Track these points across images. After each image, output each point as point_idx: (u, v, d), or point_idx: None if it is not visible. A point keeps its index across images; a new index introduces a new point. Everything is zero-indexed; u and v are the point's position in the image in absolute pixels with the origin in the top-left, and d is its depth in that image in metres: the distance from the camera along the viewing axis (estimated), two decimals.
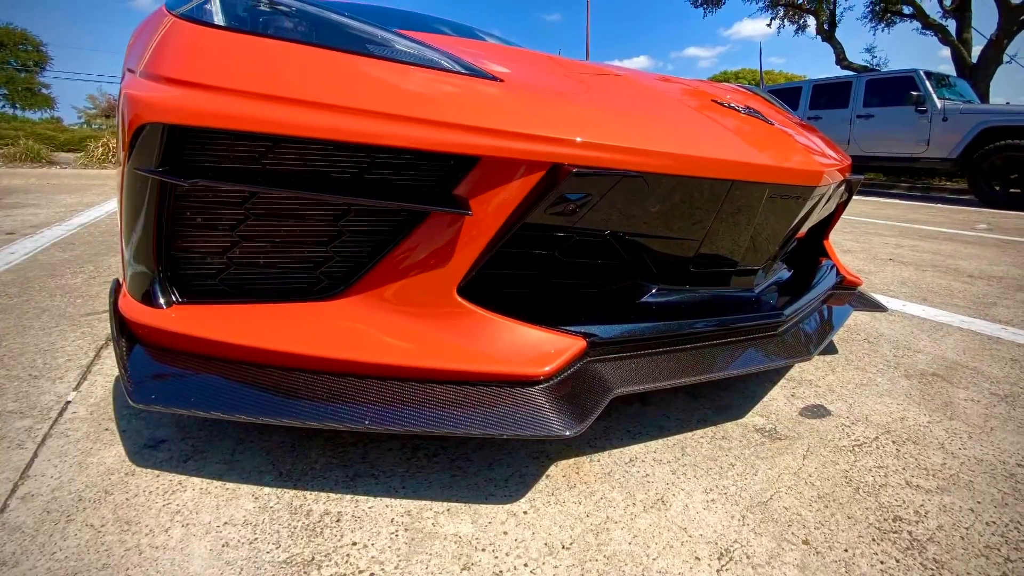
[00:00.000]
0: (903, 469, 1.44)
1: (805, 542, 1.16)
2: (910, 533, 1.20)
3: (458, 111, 1.18)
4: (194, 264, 1.27)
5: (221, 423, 1.51)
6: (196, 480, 1.29)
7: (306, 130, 1.11)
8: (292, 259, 1.29)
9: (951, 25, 18.35)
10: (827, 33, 21.17)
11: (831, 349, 2.31)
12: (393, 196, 1.21)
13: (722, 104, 1.89)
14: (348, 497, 1.26)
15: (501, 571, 1.07)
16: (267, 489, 1.27)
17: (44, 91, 59.26)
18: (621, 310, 1.55)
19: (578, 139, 1.21)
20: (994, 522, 1.25)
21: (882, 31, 24.43)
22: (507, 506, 1.25)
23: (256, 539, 1.12)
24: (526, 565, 1.08)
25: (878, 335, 2.50)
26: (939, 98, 10.03)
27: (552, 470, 1.39)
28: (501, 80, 1.33)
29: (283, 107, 1.11)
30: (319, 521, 1.18)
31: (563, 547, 1.13)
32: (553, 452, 1.46)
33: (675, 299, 1.66)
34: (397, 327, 1.28)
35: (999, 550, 1.16)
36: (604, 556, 1.11)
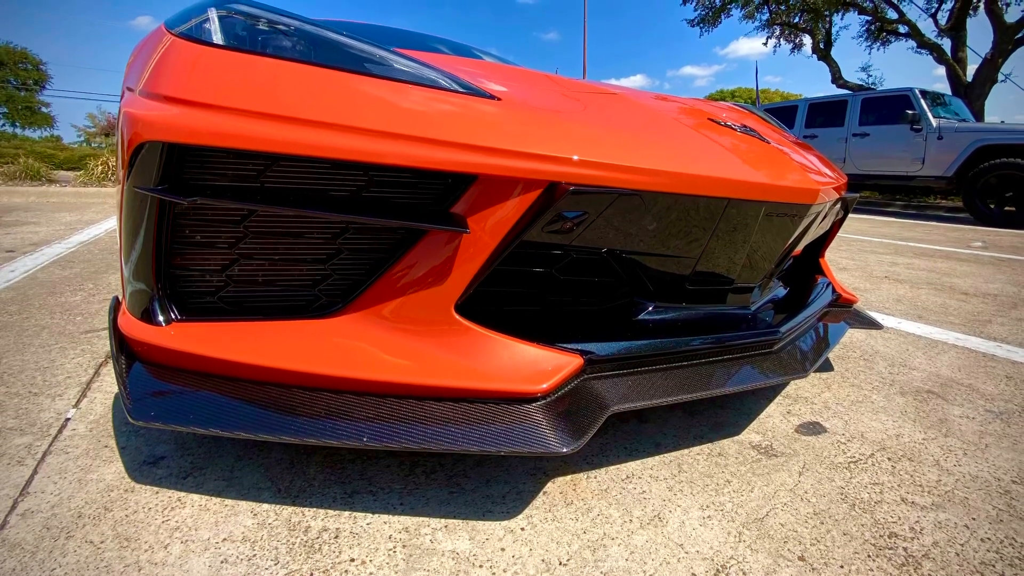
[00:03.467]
0: (898, 486, 1.44)
1: (801, 558, 1.17)
2: (905, 550, 1.20)
3: (455, 129, 1.19)
4: (193, 282, 1.28)
5: (220, 440, 1.52)
6: (195, 497, 1.30)
7: (305, 148, 1.12)
8: (291, 277, 1.30)
9: (946, 44, 18.50)
10: (823, 52, 21.32)
11: (827, 366, 2.32)
12: (391, 214, 1.22)
13: (718, 123, 1.90)
14: (346, 513, 1.26)
15: None
16: (266, 505, 1.28)
17: (44, 110, 59.28)
18: (618, 327, 1.56)
19: (575, 157, 1.23)
20: (989, 538, 1.25)
21: (878, 50, 24.64)
22: (505, 522, 1.26)
23: (255, 555, 1.12)
24: None
25: (873, 352, 2.51)
26: (934, 117, 10.09)
27: (549, 487, 1.39)
28: (498, 99, 1.34)
29: (282, 126, 1.12)
30: (317, 537, 1.18)
31: (560, 563, 1.13)
32: (550, 469, 1.46)
33: (672, 316, 1.67)
34: (395, 344, 1.28)
35: (994, 567, 1.16)
36: (601, 573, 1.11)
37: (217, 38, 1.28)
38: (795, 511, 1.33)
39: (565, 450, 1.15)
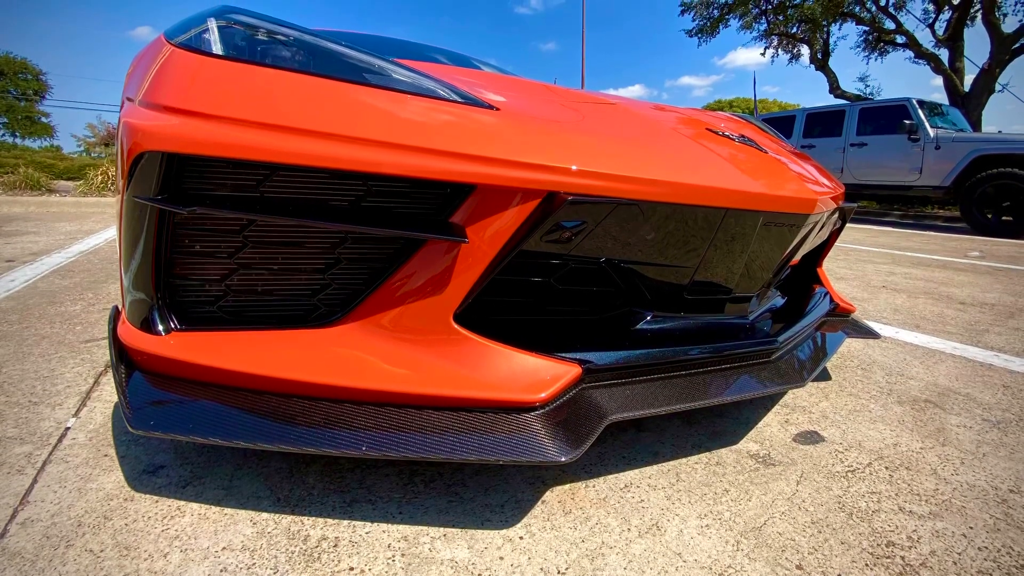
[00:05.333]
0: (896, 495, 1.44)
1: (799, 567, 1.17)
2: (903, 558, 1.21)
3: (454, 139, 1.20)
4: (193, 291, 1.28)
5: (219, 449, 1.52)
6: (195, 505, 1.30)
7: (304, 158, 1.13)
8: (290, 286, 1.30)
9: (944, 54, 18.56)
10: (820, 62, 21.39)
11: (824, 376, 2.32)
12: (390, 224, 1.23)
13: (716, 132, 1.91)
14: (345, 522, 1.26)
15: None
16: (265, 514, 1.28)
17: (43, 120, 59.40)
18: (616, 337, 1.56)
19: (574, 167, 1.23)
20: (986, 547, 1.25)
21: (875, 60, 24.70)
22: (503, 531, 1.26)
23: (254, 564, 1.12)
24: None
25: (871, 362, 2.51)
26: (932, 127, 10.10)
27: (548, 495, 1.39)
28: (497, 109, 1.35)
29: (281, 136, 1.13)
30: (317, 546, 1.18)
31: (559, 572, 1.13)
32: (549, 478, 1.47)
33: (670, 326, 1.68)
34: (394, 354, 1.29)
35: (991, 575, 1.16)
36: None
37: (216, 48, 1.28)
38: (793, 520, 1.33)
39: (564, 459, 1.15)
